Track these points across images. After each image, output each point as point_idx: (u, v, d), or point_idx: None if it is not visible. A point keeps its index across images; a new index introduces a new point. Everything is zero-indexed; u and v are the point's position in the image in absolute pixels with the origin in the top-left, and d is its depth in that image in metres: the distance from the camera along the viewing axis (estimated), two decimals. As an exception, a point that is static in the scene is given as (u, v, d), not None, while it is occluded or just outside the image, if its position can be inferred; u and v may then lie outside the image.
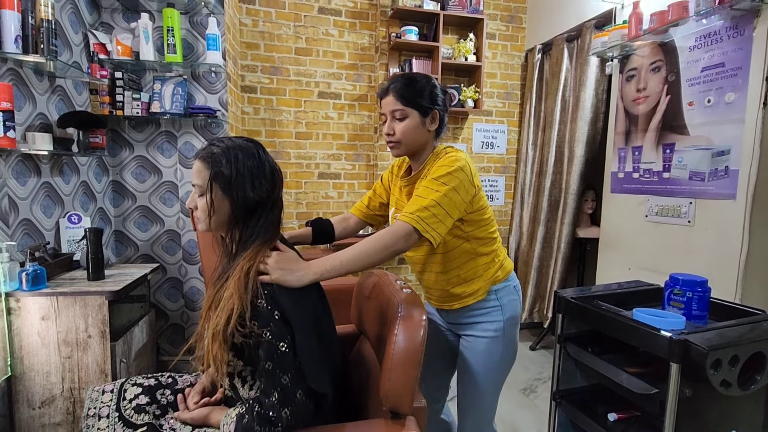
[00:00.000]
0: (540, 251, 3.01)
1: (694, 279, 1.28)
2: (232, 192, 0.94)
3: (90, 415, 1.04)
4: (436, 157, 1.17)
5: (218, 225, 0.98)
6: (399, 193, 1.30)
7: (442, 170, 1.09)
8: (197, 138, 2.35)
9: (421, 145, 1.19)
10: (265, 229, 0.99)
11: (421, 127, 1.16)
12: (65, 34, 1.92)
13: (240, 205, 0.95)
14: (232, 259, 1.00)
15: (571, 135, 2.73)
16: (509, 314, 1.25)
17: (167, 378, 1.15)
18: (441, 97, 1.19)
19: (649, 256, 2.10)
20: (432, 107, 1.16)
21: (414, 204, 1.07)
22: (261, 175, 0.96)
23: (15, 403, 1.55)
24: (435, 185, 1.08)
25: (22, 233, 1.65)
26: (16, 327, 1.52)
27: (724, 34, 1.74)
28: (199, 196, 0.96)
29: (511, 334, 1.26)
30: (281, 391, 0.88)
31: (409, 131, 1.15)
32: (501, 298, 1.24)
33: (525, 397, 2.38)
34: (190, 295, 2.43)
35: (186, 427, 1.02)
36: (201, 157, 0.96)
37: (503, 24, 3.21)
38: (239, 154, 0.95)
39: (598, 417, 1.40)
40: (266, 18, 2.84)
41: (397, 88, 1.15)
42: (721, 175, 1.75)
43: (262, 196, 0.97)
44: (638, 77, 2.15)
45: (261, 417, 0.88)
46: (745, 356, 1.10)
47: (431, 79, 1.19)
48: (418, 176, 1.20)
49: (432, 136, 1.20)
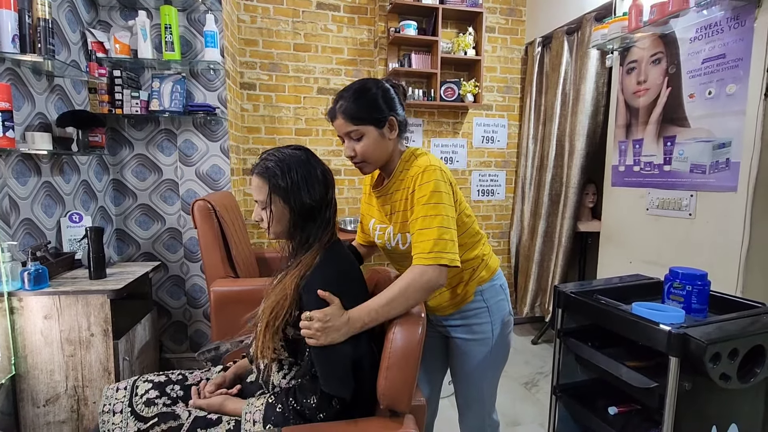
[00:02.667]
0: (541, 245, 3.01)
1: (694, 272, 1.27)
2: (290, 201, 1.01)
3: (105, 411, 1.07)
4: (405, 164, 1.15)
5: (282, 232, 1.06)
6: (376, 202, 1.25)
7: (425, 190, 1.05)
8: (197, 136, 2.35)
9: (386, 156, 1.14)
10: (323, 229, 1.05)
11: (381, 140, 1.10)
12: (63, 33, 1.92)
13: (299, 211, 1.02)
14: (293, 257, 1.08)
15: (571, 128, 2.72)
16: (497, 314, 1.24)
17: (177, 375, 1.18)
18: (393, 97, 1.12)
19: (651, 250, 2.09)
20: (386, 117, 1.10)
21: (425, 242, 1.03)
22: (314, 180, 1.03)
23: (20, 402, 1.57)
24: (430, 211, 1.04)
25: (23, 233, 1.66)
26: (19, 326, 1.53)
27: (725, 25, 1.72)
28: (262, 209, 1.04)
29: (501, 333, 1.25)
30: (320, 397, 0.96)
31: (371, 149, 1.10)
32: (488, 300, 1.23)
33: (527, 390, 2.38)
34: (192, 292, 2.44)
35: (200, 412, 1.04)
36: (258, 173, 1.03)
37: (503, 17, 3.19)
38: (292, 164, 1.02)
39: (598, 410, 1.41)
40: (264, 14, 2.82)
41: (343, 108, 1.08)
42: (722, 168, 1.74)
43: (318, 200, 1.03)
44: (639, 69, 2.13)
45: (297, 413, 0.96)
46: (745, 349, 1.10)
47: (378, 83, 1.12)
48: (390, 187, 1.17)
49: (395, 142, 1.15)
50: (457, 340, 1.28)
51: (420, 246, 1.04)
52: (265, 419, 0.96)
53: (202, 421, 1.00)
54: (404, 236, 1.14)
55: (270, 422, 0.95)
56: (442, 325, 1.31)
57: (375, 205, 1.26)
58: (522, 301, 3.14)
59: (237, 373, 1.19)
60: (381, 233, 1.23)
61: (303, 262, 1.02)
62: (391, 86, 1.15)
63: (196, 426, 0.99)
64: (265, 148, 2.85)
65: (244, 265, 2.07)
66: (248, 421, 0.97)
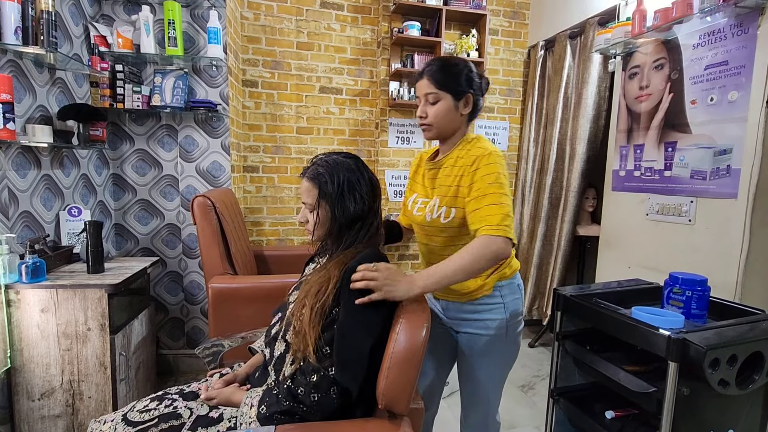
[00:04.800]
0: (540, 248, 3.01)
1: (694, 278, 1.27)
2: (336, 207, 1.05)
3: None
4: (467, 144, 1.20)
5: (325, 235, 1.09)
6: (422, 178, 1.31)
7: (492, 169, 1.10)
8: (198, 132, 2.35)
9: (452, 129, 1.21)
10: (367, 238, 1.09)
11: (453, 110, 1.17)
12: (66, 26, 1.91)
13: (343, 217, 1.05)
14: (330, 258, 1.09)
15: (572, 132, 2.72)
16: (511, 311, 1.24)
17: (175, 389, 1.15)
18: (477, 81, 1.19)
19: (650, 255, 2.10)
20: (465, 91, 1.17)
21: (493, 215, 1.06)
22: (362, 190, 1.06)
23: (15, 395, 1.56)
24: (498, 189, 1.09)
25: (22, 225, 1.65)
26: (16, 319, 1.53)
27: (729, 32, 1.73)
28: (310, 212, 1.08)
29: (513, 331, 1.26)
30: (321, 377, 0.94)
31: (441, 114, 1.17)
32: (505, 296, 1.24)
33: (523, 393, 2.38)
34: (190, 289, 2.43)
35: (203, 407, 1.03)
36: (308, 177, 1.07)
37: (506, 20, 3.19)
38: (342, 171, 1.05)
39: (596, 414, 1.41)
40: (268, 12, 2.82)
41: (431, 71, 1.16)
42: (723, 174, 1.75)
43: (364, 209, 1.07)
44: (641, 75, 2.14)
45: (289, 391, 0.94)
46: (744, 356, 1.10)
47: (468, 63, 1.20)
48: (445, 161, 1.22)
49: (465, 120, 1.21)
50: (468, 336, 1.26)
51: (488, 219, 1.06)
52: (260, 402, 0.96)
53: (204, 419, 1.00)
54: (449, 210, 1.17)
55: (264, 404, 0.95)
56: (454, 318, 1.29)
57: (420, 181, 1.32)
58: (520, 304, 3.14)
59: (248, 372, 1.17)
60: (422, 206, 1.26)
61: (346, 255, 1.05)
62: (478, 73, 1.21)
63: (197, 425, 0.99)
64: (265, 146, 2.90)
65: (243, 263, 2.07)
66: (246, 405, 0.97)
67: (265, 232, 2.96)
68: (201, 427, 0.98)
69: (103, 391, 1.61)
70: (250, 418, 0.94)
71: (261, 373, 1.12)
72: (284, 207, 2.97)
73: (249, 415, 0.95)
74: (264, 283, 1.82)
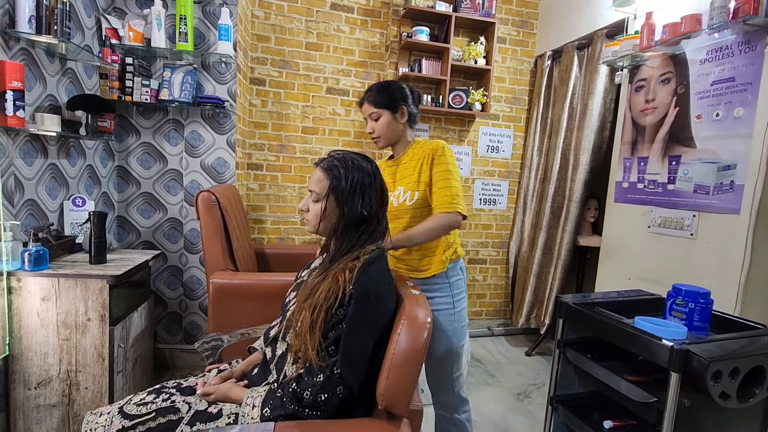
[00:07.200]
0: (540, 257, 3.01)
1: (697, 290, 1.28)
2: (344, 204, 1.05)
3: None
4: (415, 145, 1.48)
5: (326, 230, 1.09)
6: (386, 175, 1.49)
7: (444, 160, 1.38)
8: (204, 127, 2.35)
9: (397, 136, 1.48)
10: (366, 240, 1.08)
11: (393, 122, 1.45)
12: (78, 17, 1.92)
13: (349, 216, 1.05)
14: (331, 260, 1.08)
15: (577, 143, 2.74)
16: (456, 290, 1.47)
17: (173, 383, 1.15)
18: (408, 95, 1.46)
19: (650, 267, 2.10)
20: (399, 105, 1.43)
21: (445, 196, 1.36)
22: (372, 194, 1.07)
23: (11, 383, 1.55)
24: (448, 175, 1.37)
25: (26, 213, 1.65)
26: (16, 306, 1.52)
27: (736, 49, 1.74)
28: (314, 201, 1.07)
29: (459, 306, 1.47)
30: (328, 377, 0.93)
31: (384, 127, 1.44)
32: (450, 277, 1.46)
33: (519, 401, 2.38)
34: (190, 284, 2.43)
35: (202, 402, 1.02)
36: (323, 167, 1.07)
37: (514, 29, 3.21)
38: (357, 170, 1.06)
39: (594, 423, 1.40)
40: (278, 11, 2.84)
41: (371, 96, 1.44)
42: (726, 190, 1.76)
43: (370, 212, 1.07)
44: (647, 88, 2.15)
45: (294, 395, 0.93)
46: (746, 369, 1.10)
47: (398, 83, 1.49)
48: (402, 159, 1.49)
49: (406, 126, 1.48)
50: None
51: (441, 200, 1.36)
52: (263, 403, 0.95)
53: (202, 414, 0.99)
54: (413, 193, 1.42)
55: (268, 406, 0.94)
56: None
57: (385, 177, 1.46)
58: (518, 312, 3.14)
59: (244, 370, 1.17)
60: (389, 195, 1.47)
61: (350, 257, 1.04)
62: (408, 88, 1.49)
63: (196, 419, 0.98)
64: (270, 144, 2.90)
65: (244, 260, 2.07)
66: (248, 405, 0.96)
67: (267, 230, 2.96)
68: (199, 422, 0.98)
69: (100, 382, 1.60)
70: (253, 419, 0.94)
71: (260, 371, 1.12)
72: (287, 206, 2.97)
73: (251, 415, 0.95)
74: (265, 280, 1.82)
